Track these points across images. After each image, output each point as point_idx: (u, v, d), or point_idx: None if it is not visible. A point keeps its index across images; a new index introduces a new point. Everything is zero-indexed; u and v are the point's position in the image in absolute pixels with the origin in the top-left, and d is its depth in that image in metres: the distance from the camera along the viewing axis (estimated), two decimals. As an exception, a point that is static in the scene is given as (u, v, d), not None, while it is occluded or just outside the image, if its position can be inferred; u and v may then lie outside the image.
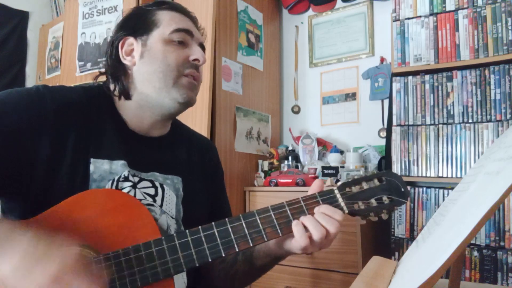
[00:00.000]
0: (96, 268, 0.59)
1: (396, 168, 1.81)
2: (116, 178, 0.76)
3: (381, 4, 2.31)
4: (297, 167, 2.17)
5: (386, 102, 2.17)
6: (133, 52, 0.84)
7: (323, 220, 0.68)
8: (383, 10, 2.29)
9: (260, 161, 2.27)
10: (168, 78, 0.81)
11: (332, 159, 2.10)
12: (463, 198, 0.51)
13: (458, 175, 1.68)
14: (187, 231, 0.67)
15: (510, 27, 1.63)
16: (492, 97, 1.65)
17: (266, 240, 0.69)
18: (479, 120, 1.67)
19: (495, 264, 1.55)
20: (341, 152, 2.17)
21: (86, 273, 0.54)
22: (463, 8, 1.73)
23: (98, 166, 0.75)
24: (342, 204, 0.72)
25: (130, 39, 0.85)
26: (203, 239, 0.67)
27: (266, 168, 2.23)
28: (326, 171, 1.99)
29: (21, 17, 2.91)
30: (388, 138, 1.90)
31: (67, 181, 0.72)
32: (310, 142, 2.29)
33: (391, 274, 0.60)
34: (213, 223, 0.68)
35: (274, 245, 0.76)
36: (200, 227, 0.68)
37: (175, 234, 0.67)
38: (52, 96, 0.75)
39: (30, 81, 2.98)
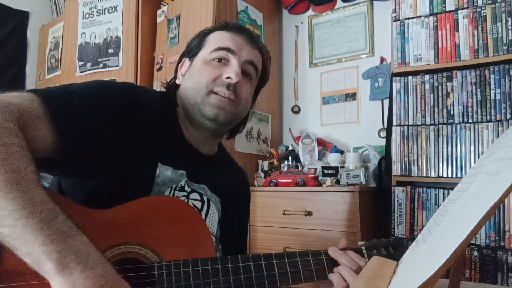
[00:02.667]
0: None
1: (396, 168, 1.80)
2: (174, 186, 0.81)
3: (381, 4, 2.31)
4: (297, 167, 2.17)
5: (386, 102, 2.17)
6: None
7: (354, 267, 0.76)
8: (383, 10, 2.29)
9: (260, 161, 2.26)
10: (198, 95, 0.84)
11: (332, 159, 2.10)
12: (463, 198, 0.51)
13: (458, 175, 1.68)
14: (239, 256, 0.72)
15: (510, 27, 1.63)
16: (492, 97, 1.65)
17: (303, 281, 0.75)
18: (479, 120, 1.67)
19: (495, 264, 1.55)
20: (341, 152, 2.17)
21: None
22: (463, 8, 1.73)
23: (163, 172, 0.79)
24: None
25: (186, 61, 0.91)
26: (252, 267, 0.72)
27: (266, 168, 2.23)
28: (326, 171, 1.99)
29: (21, 17, 2.91)
30: (388, 138, 1.90)
31: (137, 178, 0.76)
32: (310, 142, 2.29)
33: (391, 274, 0.60)
34: (261, 254, 0.74)
35: None
36: (250, 255, 0.73)
37: (228, 257, 0.72)
38: (145, 97, 0.82)
39: (30, 81, 2.98)
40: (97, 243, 0.58)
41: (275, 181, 1.97)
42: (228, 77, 0.84)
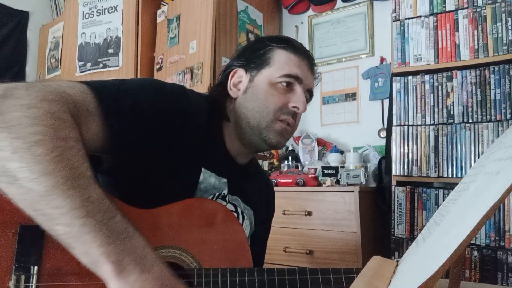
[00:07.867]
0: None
1: (396, 168, 1.80)
2: (217, 194, 0.80)
3: (381, 4, 2.31)
4: (297, 167, 2.17)
5: (386, 102, 2.17)
6: (240, 84, 0.86)
7: None
8: (383, 10, 2.29)
9: (260, 161, 2.26)
10: (262, 120, 0.82)
11: (332, 159, 2.10)
12: (463, 198, 0.51)
13: (458, 175, 1.68)
14: (274, 269, 0.71)
15: (510, 27, 1.63)
16: (492, 97, 1.65)
17: None
18: (479, 120, 1.67)
19: (495, 264, 1.55)
20: (341, 152, 2.17)
21: None
22: (463, 8, 1.73)
23: (206, 178, 0.79)
24: None
25: (241, 71, 0.86)
26: (287, 282, 0.70)
27: (266, 168, 2.23)
28: (326, 171, 1.99)
29: (21, 17, 2.91)
30: (388, 138, 1.90)
31: (181, 182, 0.75)
32: (310, 142, 2.29)
33: (391, 274, 0.60)
34: (307, 268, 0.72)
35: None
36: (296, 268, 0.72)
37: (265, 269, 0.71)
38: (193, 103, 0.79)
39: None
40: None
41: (275, 181, 1.97)
42: (294, 107, 0.83)
